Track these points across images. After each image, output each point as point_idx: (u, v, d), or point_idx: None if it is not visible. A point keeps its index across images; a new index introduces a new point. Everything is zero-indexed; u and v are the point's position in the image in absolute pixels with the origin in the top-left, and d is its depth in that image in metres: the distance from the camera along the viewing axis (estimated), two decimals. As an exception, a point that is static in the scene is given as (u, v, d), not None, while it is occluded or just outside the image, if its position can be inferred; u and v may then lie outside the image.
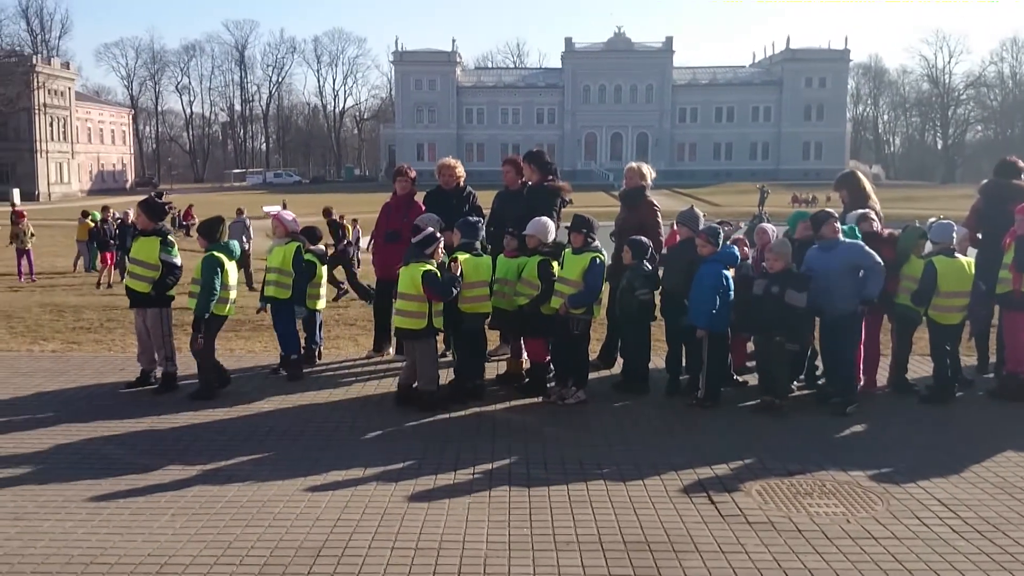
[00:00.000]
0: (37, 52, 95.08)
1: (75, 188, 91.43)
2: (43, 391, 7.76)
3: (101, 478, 5.51)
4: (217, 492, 5.28)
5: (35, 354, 9.42)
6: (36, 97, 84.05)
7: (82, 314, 12.12)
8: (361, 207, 43.14)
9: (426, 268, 7.05)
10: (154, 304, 7.75)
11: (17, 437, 6.36)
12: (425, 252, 7.16)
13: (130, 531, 4.67)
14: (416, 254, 7.17)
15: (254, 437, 6.46)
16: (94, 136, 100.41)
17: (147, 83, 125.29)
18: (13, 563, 4.26)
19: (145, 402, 7.38)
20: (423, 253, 7.16)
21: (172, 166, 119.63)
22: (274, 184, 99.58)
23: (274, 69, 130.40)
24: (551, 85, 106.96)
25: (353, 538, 4.62)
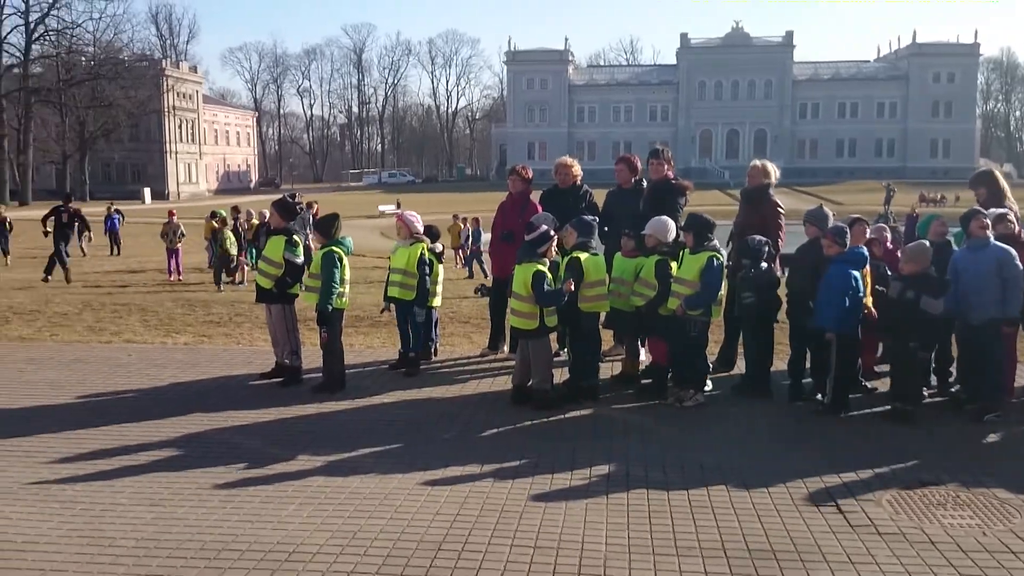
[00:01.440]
0: (166, 56, 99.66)
1: (202, 188, 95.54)
2: (176, 382, 8.10)
3: (231, 466, 5.71)
4: (341, 483, 5.40)
5: (168, 346, 9.86)
6: (166, 100, 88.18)
7: (211, 309, 12.63)
8: (472, 206, 43.56)
9: (537, 268, 7.05)
10: (278, 300, 8.01)
11: (153, 425, 6.66)
12: (538, 251, 7.17)
13: (260, 519, 4.82)
14: (529, 253, 7.19)
15: (374, 431, 6.58)
16: (220, 138, 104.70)
17: (270, 86, 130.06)
18: (150, 547, 4.45)
19: (271, 394, 7.62)
20: (536, 252, 7.17)
21: (293, 167, 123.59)
22: (389, 184, 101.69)
23: (390, 71, 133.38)
24: (665, 82, 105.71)
25: (472, 534, 4.65)
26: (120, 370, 8.54)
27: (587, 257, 7.30)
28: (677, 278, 7.23)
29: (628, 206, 8.40)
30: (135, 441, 6.25)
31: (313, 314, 8.05)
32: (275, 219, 8.21)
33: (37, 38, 74.85)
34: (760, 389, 7.50)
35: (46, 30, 75.33)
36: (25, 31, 74.04)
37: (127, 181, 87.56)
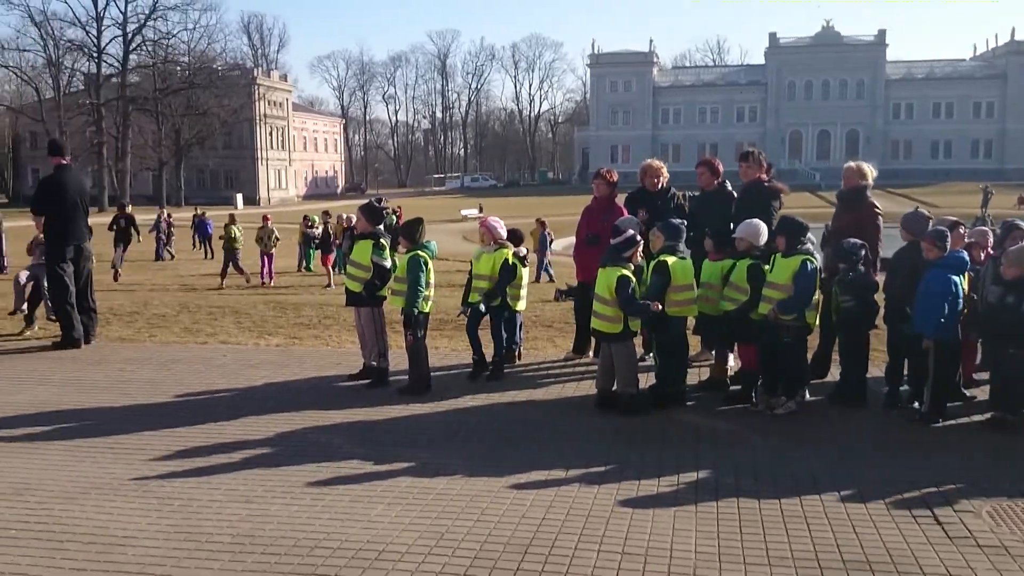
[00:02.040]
0: (258, 65, 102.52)
1: (291, 193, 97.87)
2: (269, 382, 8.30)
3: (322, 465, 5.82)
4: (428, 484, 5.45)
5: (261, 347, 10.10)
6: (257, 108, 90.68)
7: (301, 311, 12.91)
8: (554, 210, 43.50)
9: (621, 273, 7.01)
10: (366, 303, 8.13)
11: (247, 423, 6.84)
12: (623, 255, 7.12)
13: (350, 517, 4.89)
14: (614, 257, 7.15)
15: (460, 433, 6.63)
16: (309, 144, 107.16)
17: (356, 93, 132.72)
18: (245, 544, 4.55)
19: (359, 395, 7.74)
20: (621, 256, 7.12)
21: (378, 172, 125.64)
22: (471, 188, 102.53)
23: (473, 76, 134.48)
24: (753, 82, 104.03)
25: (559, 538, 4.63)
26: (216, 370, 8.79)
27: (674, 261, 7.21)
28: (769, 282, 7.08)
29: (713, 210, 8.27)
30: (230, 439, 6.43)
31: (399, 317, 8.16)
32: (362, 223, 8.34)
33: (135, 48, 77.84)
34: (855, 397, 7.30)
35: (143, 40, 78.30)
36: (123, 41, 77.10)
37: (220, 187, 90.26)
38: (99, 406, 7.37)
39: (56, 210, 10.00)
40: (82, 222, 10.32)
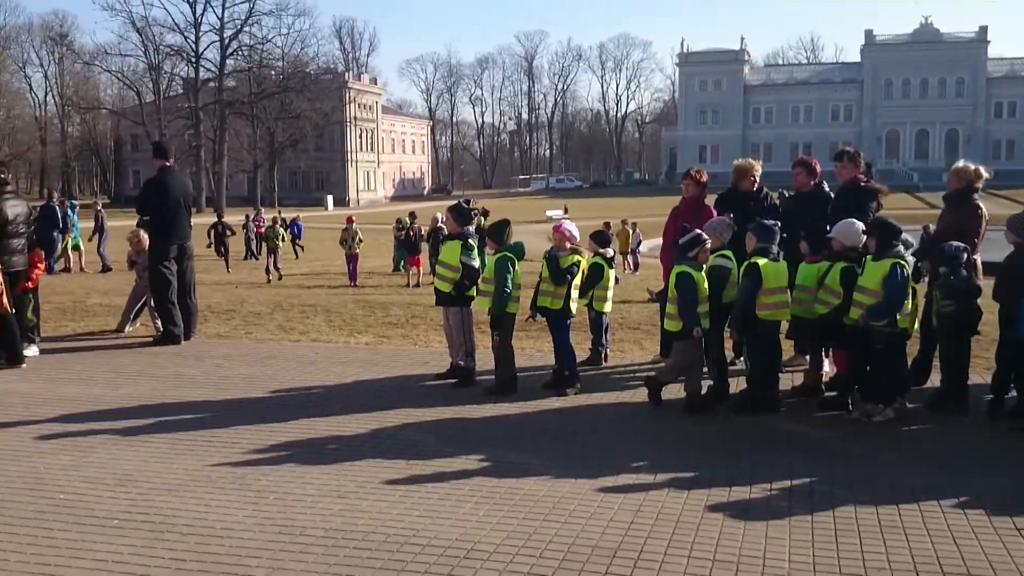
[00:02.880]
0: (349, 69, 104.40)
1: (380, 195, 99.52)
2: (359, 380, 8.44)
3: (411, 463, 5.89)
4: (514, 484, 5.46)
5: (351, 346, 10.28)
6: (348, 111, 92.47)
7: (390, 311, 13.09)
8: (640, 211, 43.22)
9: (682, 270, 7.01)
10: (456, 303, 8.19)
11: (338, 420, 6.96)
12: (688, 255, 7.09)
13: (439, 515, 4.94)
14: (680, 256, 7.11)
15: (545, 434, 6.63)
16: (397, 146, 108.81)
17: (444, 95, 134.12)
18: (338, 538, 4.64)
19: (446, 395, 7.81)
20: (686, 256, 7.09)
21: (464, 173, 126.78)
22: (556, 189, 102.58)
23: (560, 77, 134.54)
24: (848, 80, 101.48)
25: (648, 543, 4.59)
26: (308, 367, 8.98)
27: (766, 263, 7.07)
28: (859, 287, 6.88)
29: (809, 211, 8.07)
30: (322, 435, 6.56)
31: (486, 317, 8.20)
32: (450, 224, 8.39)
33: (231, 53, 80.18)
34: (956, 404, 7.03)
35: (239, 46, 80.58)
36: (220, 47, 79.52)
37: (312, 188, 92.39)
38: (198, 400, 7.61)
39: (160, 210, 10.35)
40: (185, 222, 10.66)
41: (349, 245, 21.23)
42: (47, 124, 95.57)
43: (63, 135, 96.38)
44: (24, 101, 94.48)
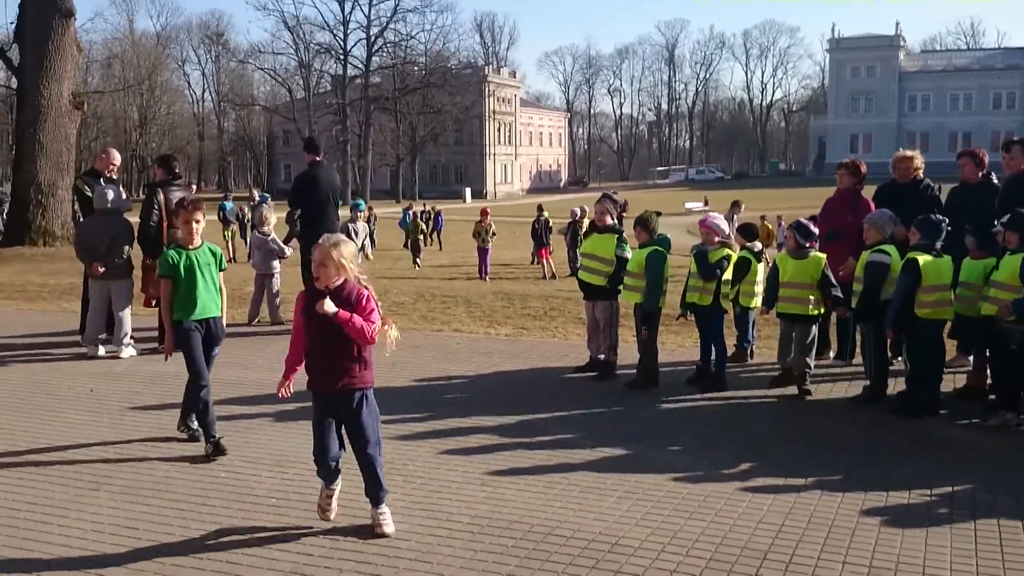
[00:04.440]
0: (488, 63, 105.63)
1: (516, 187, 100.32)
2: (499, 370, 8.53)
3: (552, 453, 5.90)
4: (657, 481, 5.38)
5: (492, 337, 10.40)
6: (487, 105, 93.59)
7: (528, 303, 13.15)
8: (785, 203, 41.90)
9: None
10: (607, 296, 8.13)
11: (479, 409, 7.04)
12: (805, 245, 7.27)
13: (581, 508, 4.93)
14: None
15: (688, 431, 6.52)
16: (534, 139, 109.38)
17: (582, 87, 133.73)
18: (483, 525, 4.70)
19: (586, 388, 7.79)
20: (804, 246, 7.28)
21: (600, 165, 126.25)
22: (696, 181, 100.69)
23: (702, 66, 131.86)
24: (1012, 67, 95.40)
25: (800, 547, 4.44)
26: (450, 357, 9.14)
27: (927, 260, 6.71)
28: (992, 281, 6.48)
29: (975, 204, 7.61)
30: (464, 424, 6.66)
31: (626, 311, 8.13)
32: (603, 217, 8.25)
33: (377, 50, 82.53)
34: None
35: (385, 43, 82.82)
36: (367, 44, 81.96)
37: (451, 181, 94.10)
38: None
39: (310, 204, 10.73)
40: (333, 215, 11.02)
41: (483, 238, 21.24)
42: (204, 120, 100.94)
43: (219, 131, 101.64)
44: (183, 98, 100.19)
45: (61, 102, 21.00)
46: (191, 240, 5.96)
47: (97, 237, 9.05)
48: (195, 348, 5.87)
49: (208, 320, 5.95)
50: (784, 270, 7.52)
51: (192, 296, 5.84)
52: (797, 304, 7.44)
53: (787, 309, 7.52)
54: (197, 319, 5.87)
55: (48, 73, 20.77)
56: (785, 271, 7.50)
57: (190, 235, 5.96)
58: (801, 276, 7.42)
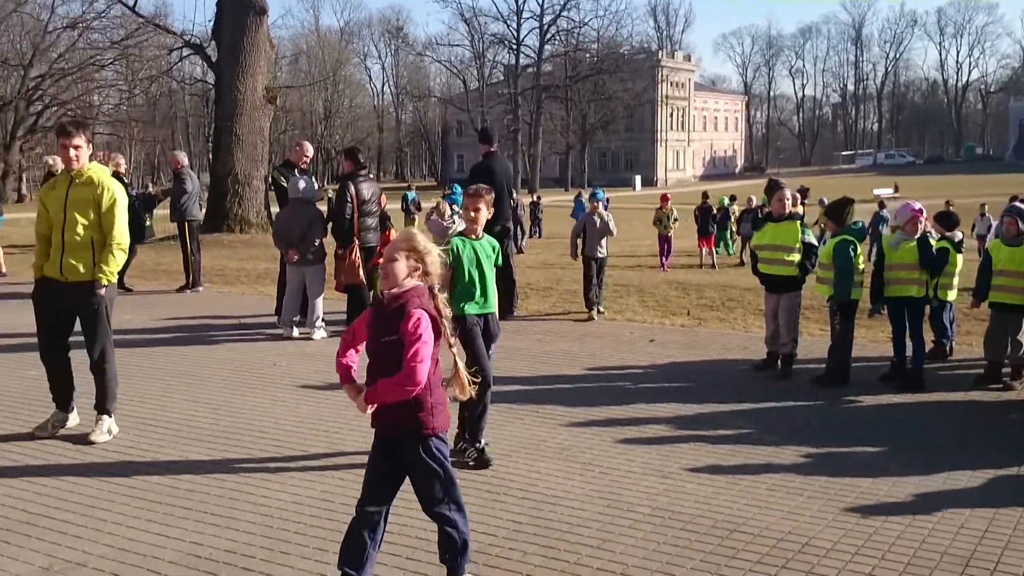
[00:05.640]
0: (662, 47, 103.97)
1: (688, 174, 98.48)
2: (675, 361, 8.42)
3: (734, 448, 5.77)
4: (850, 482, 5.16)
5: (666, 327, 10.28)
6: (660, 90, 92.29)
7: (703, 293, 12.91)
8: (982, 190, 39.10)
9: None
10: (794, 288, 7.84)
11: (657, 400, 6.98)
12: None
13: (768, 506, 4.79)
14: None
15: (882, 430, 6.23)
16: (708, 124, 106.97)
17: (761, 69, 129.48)
18: (664, 517, 4.65)
19: (769, 382, 7.58)
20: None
21: (780, 150, 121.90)
22: (884, 165, 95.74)
23: (891, 45, 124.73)
24: None
25: (1005, 554, 4.15)
26: (624, 346, 9.10)
27: None
28: None
29: None
30: (642, 414, 6.61)
31: (811, 303, 7.84)
32: (780, 205, 7.99)
33: (549, 39, 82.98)
34: None
35: (557, 31, 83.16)
36: (539, 33, 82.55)
37: (620, 169, 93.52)
38: (523, 374, 7.95)
39: (485, 194, 10.94)
40: (507, 205, 11.19)
41: (664, 225, 20.60)
42: (383, 112, 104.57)
43: (397, 122, 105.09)
44: (364, 91, 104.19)
45: (255, 96, 22.29)
46: (474, 230, 5.55)
47: (291, 225, 9.56)
48: (480, 345, 5.49)
49: (486, 315, 5.61)
50: (998, 258, 7.05)
51: (474, 289, 5.49)
52: (1013, 294, 6.95)
53: (1001, 299, 7.05)
54: (477, 313, 5.53)
55: (243, 69, 22.08)
56: (999, 259, 7.03)
57: (473, 224, 5.54)
58: (1018, 264, 6.92)
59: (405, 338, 3.44)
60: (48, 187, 6.02)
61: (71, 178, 5.82)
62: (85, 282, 5.83)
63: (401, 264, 3.53)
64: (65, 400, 6.13)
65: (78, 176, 5.81)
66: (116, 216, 5.87)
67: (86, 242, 5.79)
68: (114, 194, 5.88)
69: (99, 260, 5.83)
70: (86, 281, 5.83)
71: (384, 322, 3.53)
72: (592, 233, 11.00)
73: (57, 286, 5.86)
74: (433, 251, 3.59)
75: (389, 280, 3.54)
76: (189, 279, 13.23)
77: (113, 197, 5.87)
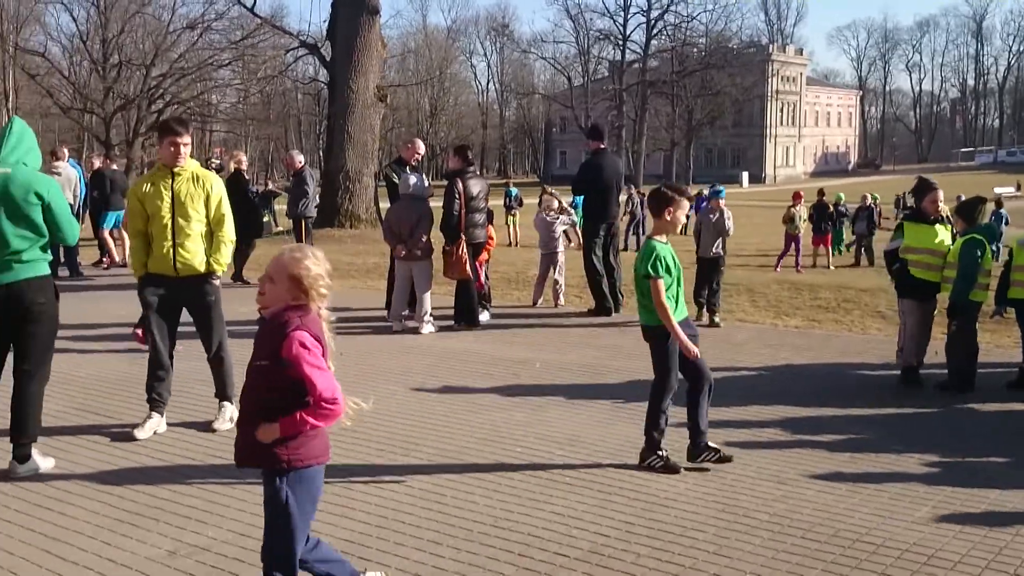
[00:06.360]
0: (773, 41, 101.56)
1: (799, 171, 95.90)
2: (789, 363, 8.19)
3: (855, 456, 5.58)
4: (978, 493, 4.93)
5: (779, 329, 10.02)
6: (770, 85, 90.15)
7: (818, 293, 12.54)
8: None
9: None
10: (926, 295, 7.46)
11: (768, 402, 6.80)
12: None
13: (891, 516, 4.61)
14: None
15: (1008, 440, 5.95)
16: (820, 119, 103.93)
17: (876, 63, 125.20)
18: (783, 524, 4.52)
19: (890, 386, 7.30)
20: None
21: (895, 146, 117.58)
22: (1005, 163, 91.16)
23: (1015, 39, 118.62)
24: None
25: None
26: (736, 348, 8.90)
27: None
28: None
29: None
30: (755, 417, 6.46)
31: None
32: (935, 207, 7.39)
33: (656, 34, 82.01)
34: None
35: (664, 25, 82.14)
36: (646, 28, 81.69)
37: (727, 165, 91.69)
38: (631, 372, 7.84)
39: (594, 191, 10.87)
40: (614, 202, 11.11)
41: (795, 224, 19.59)
42: (487, 109, 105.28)
43: (501, 119, 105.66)
44: (469, 89, 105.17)
45: (367, 95, 22.72)
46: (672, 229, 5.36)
47: (401, 221, 9.70)
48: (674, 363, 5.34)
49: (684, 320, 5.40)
50: None
51: (679, 295, 5.32)
52: None
53: None
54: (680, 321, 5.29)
55: (356, 68, 22.53)
56: None
57: (674, 226, 5.35)
58: None
59: (297, 367, 3.14)
60: (143, 183, 6.04)
61: (173, 174, 5.92)
62: (199, 275, 6.01)
63: (281, 289, 3.24)
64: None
65: (181, 172, 5.94)
66: (224, 209, 6.08)
67: (198, 236, 5.96)
68: (219, 188, 6.09)
69: (212, 252, 6.03)
70: (201, 274, 6.01)
71: (259, 342, 3.27)
72: (708, 231, 10.59)
73: (169, 281, 5.98)
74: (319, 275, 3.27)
75: (264, 301, 3.26)
76: (302, 273, 13.56)
77: (219, 191, 6.08)
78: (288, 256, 3.25)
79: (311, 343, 3.17)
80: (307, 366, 3.13)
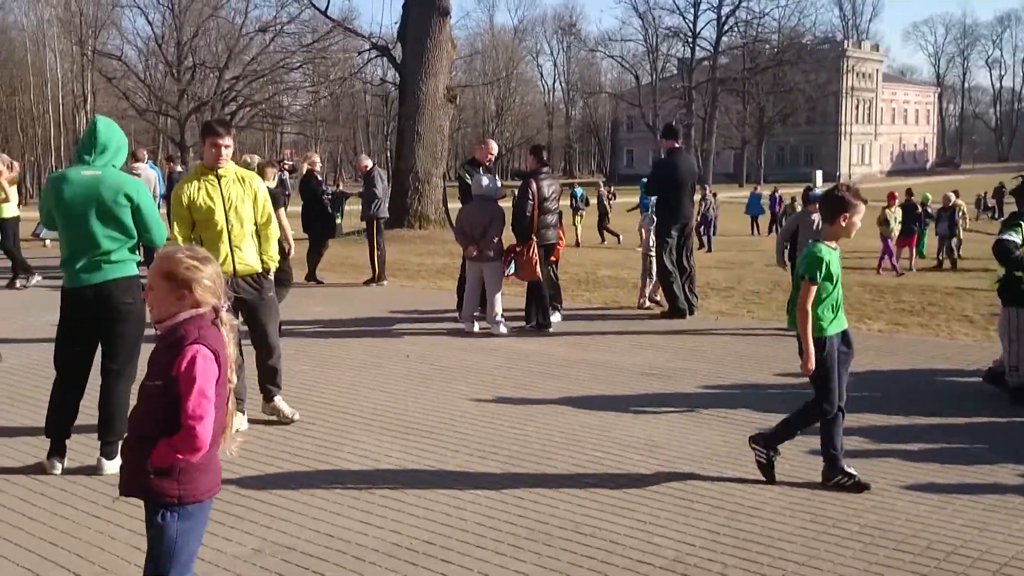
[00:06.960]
0: (848, 37, 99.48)
1: (874, 169, 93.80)
2: (875, 369, 7.95)
3: (946, 466, 5.38)
4: (1079, 507, 4.71)
5: (862, 332, 9.73)
6: (845, 81, 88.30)
7: (900, 296, 12.20)
8: None
9: None
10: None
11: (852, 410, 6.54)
12: None
13: (986, 527, 4.42)
14: None
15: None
16: (897, 116, 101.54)
17: (955, 59, 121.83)
18: (874, 536, 4.37)
19: (987, 397, 6.99)
20: None
21: (974, 144, 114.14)
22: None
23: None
24: None
25: None
26: (816, 351, 8.67)
27: None
28: None
29: None
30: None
31: None
32: None
33: (727, 30, 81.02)
34: None
35: (736, 22, 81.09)
36: (716, 24, 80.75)
37: (799, 164, 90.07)
38: (708, 376, 7.73)
39: (668, 190, 10.73)
40: (688, 202, 10.97)
41: (889, 227, 18.93)
42: (554, 109, 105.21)
43: (567, 119, 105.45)
44: (535, 88, 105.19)
45: (437, 96, 22.87)
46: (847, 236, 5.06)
47: (473, 222, 9.70)
48: (835, 376, 5.01)
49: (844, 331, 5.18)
50: None
51: (839, 304, 5.05)
52: None
53: None
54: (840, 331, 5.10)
55: (426, 69, 22.70)
56: None
57: (848, 232, 5.04)
58: None
59: (180, 384, 2.82)
60: (185, 189, 5.98)
61: (218, 176, 6.00)
62: (255, 273, 6.19)
63: (161, 292, 2.93)
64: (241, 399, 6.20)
65: (225, 174, 6.03)
66: (270, 207, 6.28)
67: (250, 236, 6.13)
68: (263, 187, 6.29)
69: (263, 249, 6.22)
70: (256, 273, 6.20)
71: (153, 360, 2.97)
72: (805, 236, 10.07)
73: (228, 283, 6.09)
74: (202, 271, 2.94)
75: (154, 315, 2.99)
76: (375, 273, 13.72)
77: (263, 190, 6.27)
78: (157, 258, 3.02)
79: (203, 362, 2.84)
80: (192, 384, 2.81)
